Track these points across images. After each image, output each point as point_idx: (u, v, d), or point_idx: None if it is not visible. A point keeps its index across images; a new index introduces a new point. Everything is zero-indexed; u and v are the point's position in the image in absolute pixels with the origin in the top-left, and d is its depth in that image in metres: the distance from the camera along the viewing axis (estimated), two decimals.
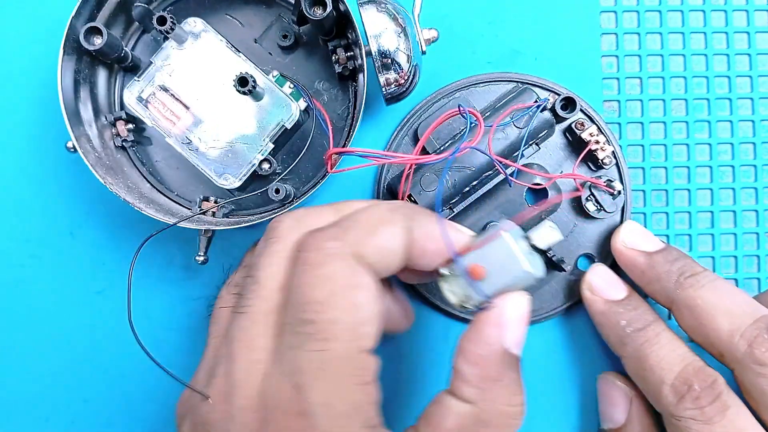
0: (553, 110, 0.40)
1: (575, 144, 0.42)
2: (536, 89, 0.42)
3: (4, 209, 0.44)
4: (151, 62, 0.38)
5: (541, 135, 0.40)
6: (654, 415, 0.39)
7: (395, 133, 0.43)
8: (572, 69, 0.44)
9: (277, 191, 0.38)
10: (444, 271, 0.32)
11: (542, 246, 0.32)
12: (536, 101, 0.39)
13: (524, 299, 0.31)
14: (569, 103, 0.40)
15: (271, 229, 0.32)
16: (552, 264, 0.41)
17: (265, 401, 0.29)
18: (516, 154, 0.40)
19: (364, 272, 0.29)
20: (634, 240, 0.39)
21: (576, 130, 0.41)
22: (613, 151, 0.41)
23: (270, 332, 0.30)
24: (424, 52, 0.39)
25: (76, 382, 0.43)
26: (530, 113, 0.38)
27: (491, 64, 0.44)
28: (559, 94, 0.41)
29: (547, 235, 0.32)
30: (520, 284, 0.31)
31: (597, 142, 0.40)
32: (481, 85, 0.43)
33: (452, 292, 0.32)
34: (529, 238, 0.32)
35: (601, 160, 0.41)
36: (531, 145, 0.40)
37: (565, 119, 0.41)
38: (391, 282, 0.37)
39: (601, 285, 0.40)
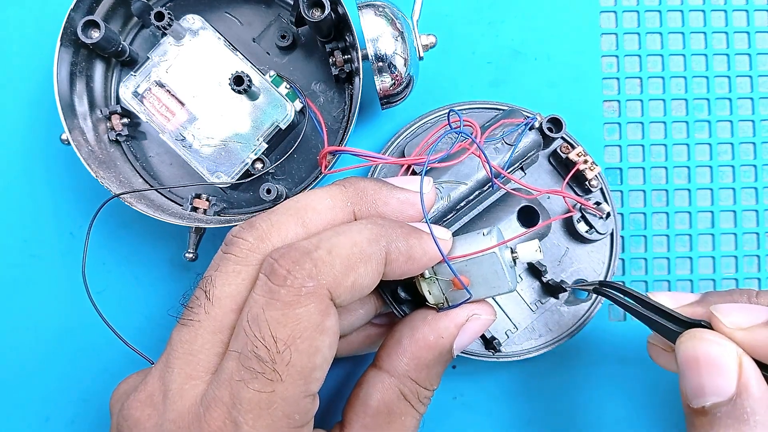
0: (540, 131, 0.39)
1: (561, 168, 0.41)
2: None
3: (4, 208, 0.44)
4: (149, 57, 0.38)
5: (530, 155, 0.40)
6: None
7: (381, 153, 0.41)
8: (572, 69, 0.44)
9: (269, 191, 0.38)
10: (426, 273, 0.33)
11: (524, 260, 0.33)
12: (525, 119, 0.39)
13: (488, 322, 0.33)
14: (555, 124, 0.39)
15: (230, 243, 0.30)
16: (550, 288, 0.40)
17: (197, 424, 0.28)
18: (506, 168, 0.39)
19: (333, 314, 0.28)
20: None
21: (562, 153, 0.40)
22: (600, 173, 0.40)
23: (215, 350, 0.29)
24: (421, 58, 0.39)
25: (76, 382, 0.43)
26: (519, 130, 0.38)
27: (491, 64, 0.44)
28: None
29: (532, 252, 0.33)
30: (497, 294, 0.33)
31: (585, 162, 0.39)
32: (466, 112, 0.42)
33: (431, 292, 0.33)
34: (514, 250, 0.33)
35: (589, 181, 0.40)
36: (517, 169, 0.40)
37: (550, 142, 0.40)
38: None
39: None
